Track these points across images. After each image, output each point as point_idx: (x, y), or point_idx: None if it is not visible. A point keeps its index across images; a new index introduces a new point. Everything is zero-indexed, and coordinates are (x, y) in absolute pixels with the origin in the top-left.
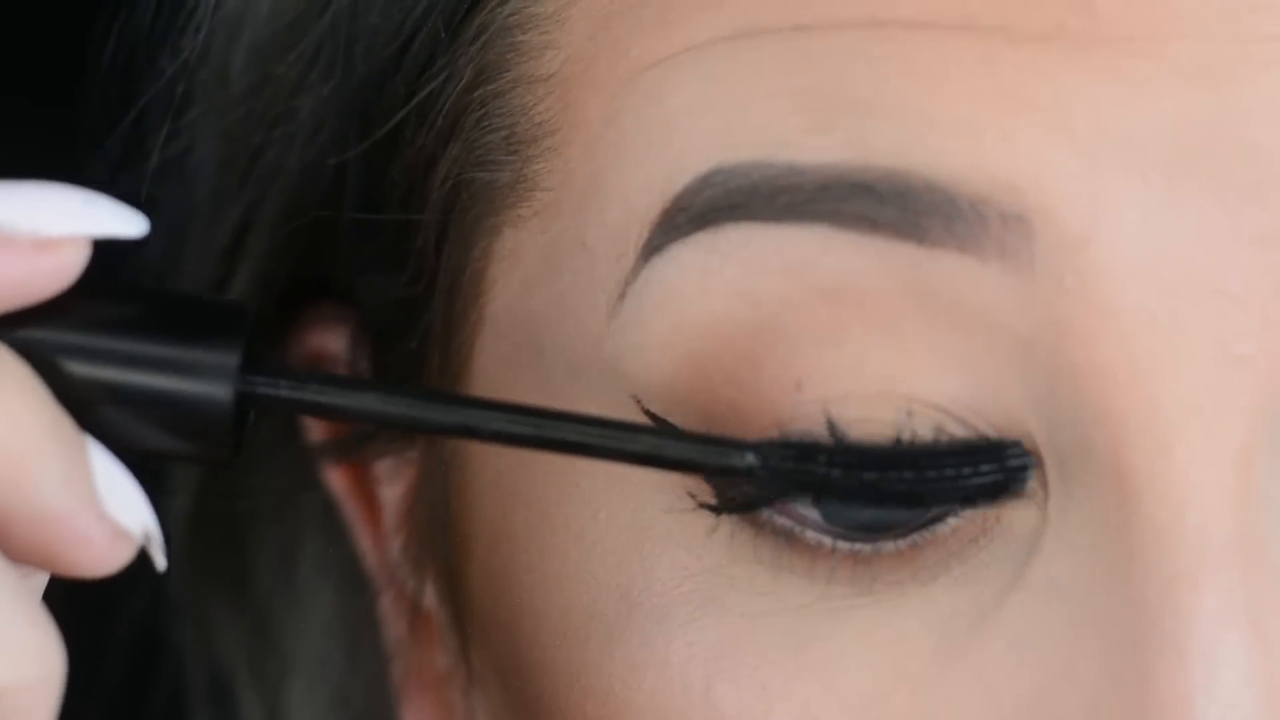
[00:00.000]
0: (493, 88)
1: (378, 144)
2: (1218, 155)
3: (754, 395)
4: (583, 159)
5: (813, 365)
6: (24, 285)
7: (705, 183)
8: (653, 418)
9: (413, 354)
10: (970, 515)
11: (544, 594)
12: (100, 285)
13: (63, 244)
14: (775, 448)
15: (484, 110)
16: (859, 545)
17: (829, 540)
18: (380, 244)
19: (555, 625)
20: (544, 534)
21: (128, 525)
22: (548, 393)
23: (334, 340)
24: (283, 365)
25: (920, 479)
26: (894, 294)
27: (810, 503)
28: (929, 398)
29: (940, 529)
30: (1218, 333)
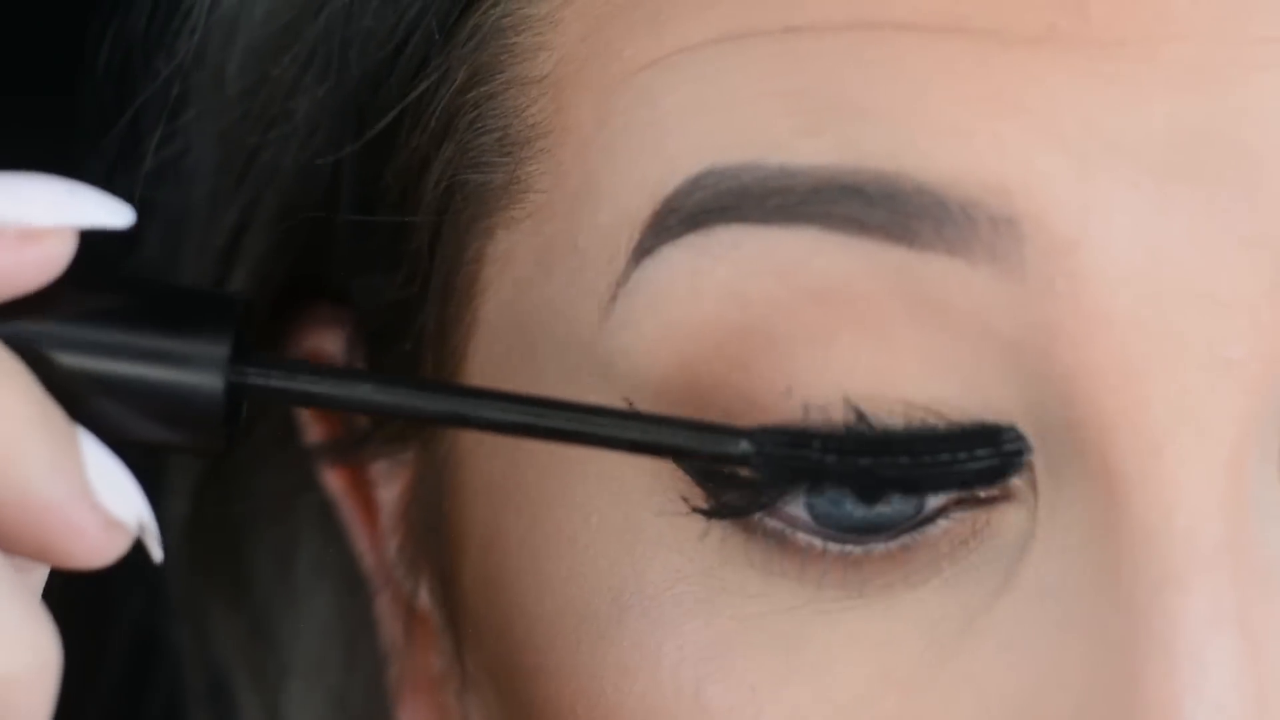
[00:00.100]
0: (486, 89)
1: (372, 146)
2: (1208, 158)
3: (745, 399)
4: (575, 161)
5: (802, 368)
6: (10, 277)
7: (696, 184)
8: None
9: (407, 355)
10: (960, 517)
11: (536, 597)
12: (89, 276)
13: (48, 235)
14: (770, 434)
15: (477, 112)
16: (849, 548)
17: (819, 543)
18: (375, 245)
19: (547, 628)
20: (537, 537)
21: (121, 516)
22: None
23: (330, 341)
24: (275, 355)
25: (916, 464)
26: (884, 297)
27: (806, 490)
28: (919, 400)
29: (930, 531)
30: (1208, 336)
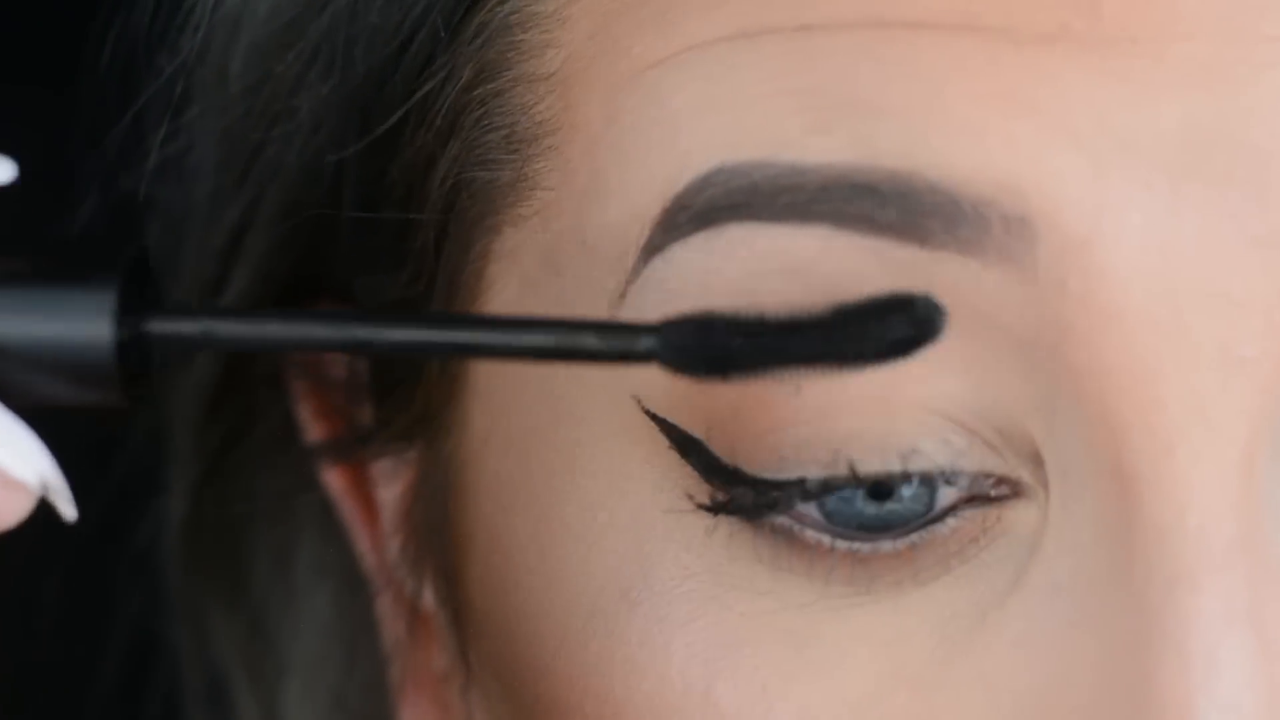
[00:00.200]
0: (493, 86)
1: (377, 143)
2: (1221, 158)
3: (753, 399)
4: (583, 158)
5: None
6: None
7: (706, 182)
8: (653, 418)
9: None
10: (970, 515)
11: (544, 595)
12: None
13: None
14: (673, 326)
15: (484, 109)
16: (858, 545)
17: (828, 539)
18: (379, 243)
19: (555, 625)
20: (544, 535)
21: (19, 474)
22: (547, 391)
23: None
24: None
25: (827, 339)
26: None
27: (722, 378)
28: (930, 402)
29: (939, 529)
30: (1220, 336)
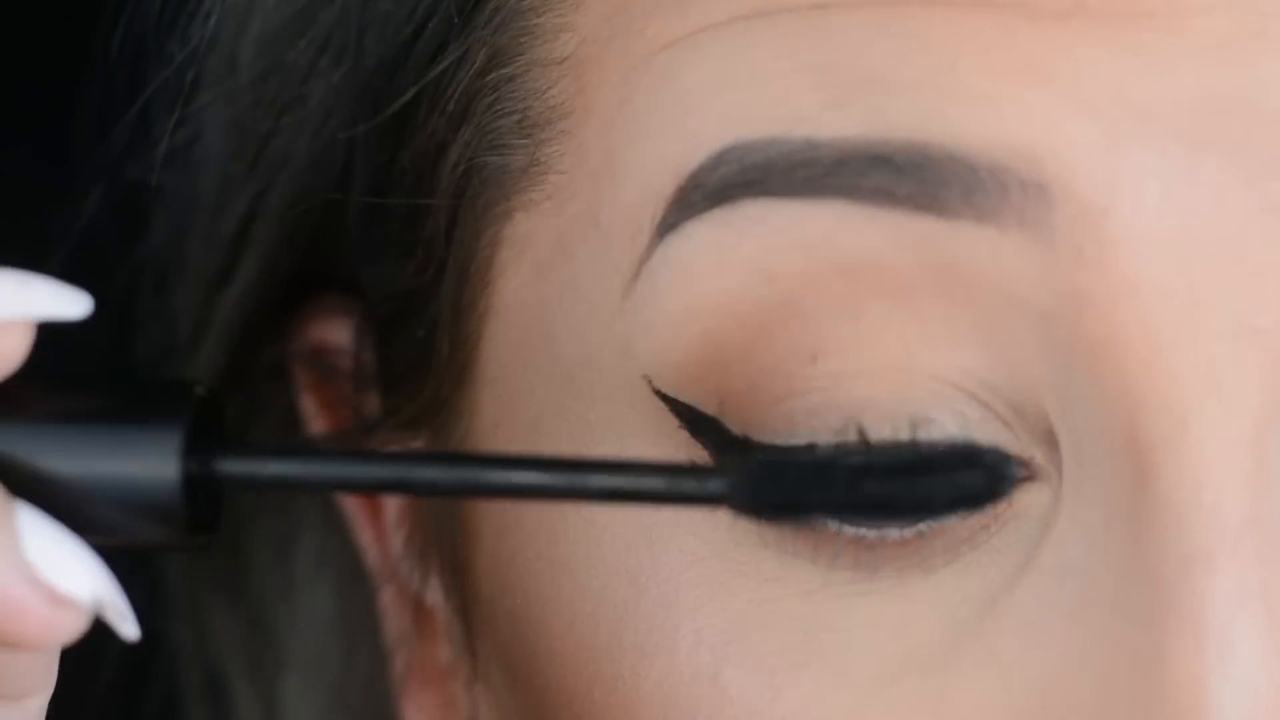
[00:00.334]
0: (506, 71)
1: (388, 131)
2: (1238, 126)
3: (768, 370)
4: (597, 140)
5: (829, 339)
6: None
7: (721, 159)
8: (663, 398)
9: (420, 343)
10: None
11: (552, 580)
12: (47, 371)
13: (1, 331)
14: (743, 470)
15: (496, 94)
16: (864, 531)
17: (834, 525)
18: (388, 232)
19: (564, 612)
20: (553, 520)
21: (70, 591)
22: (558, 377)
23: (337, 332)
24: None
25: (896, 486)
26: (912, 268)
27: (794, 523)
28: (946, 374)
29: (948, 519)
30: (1235, 305)
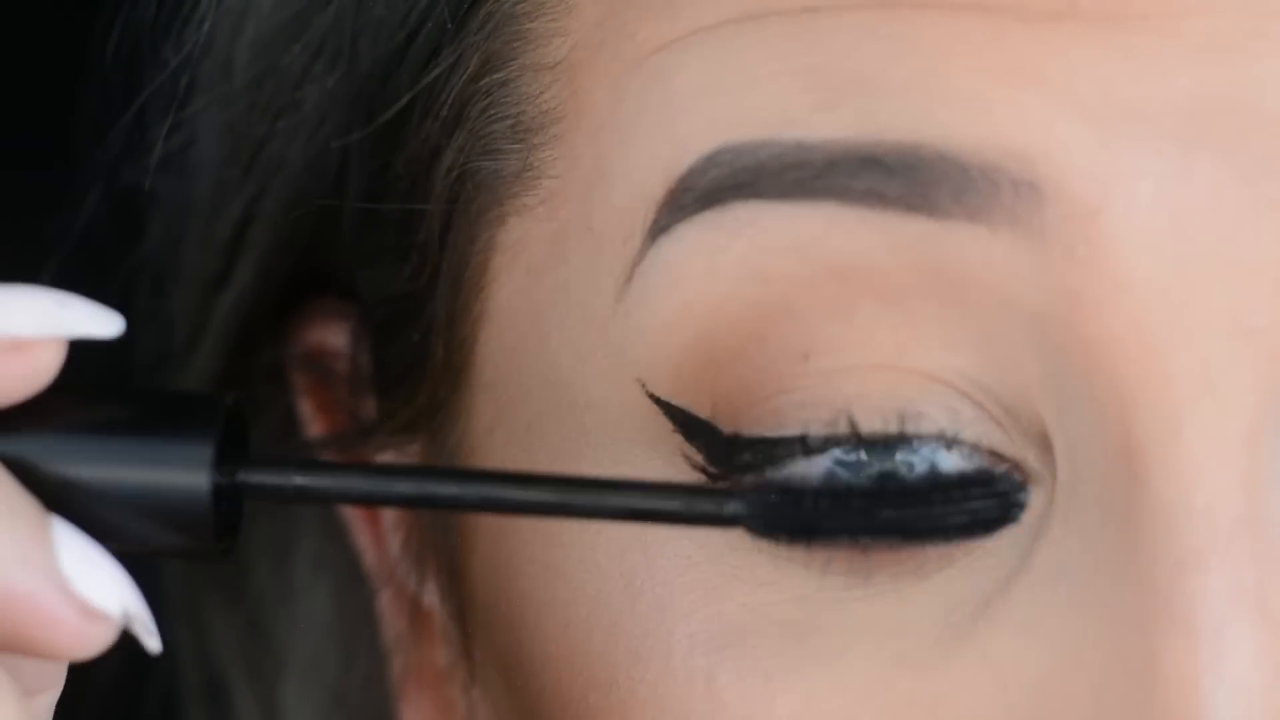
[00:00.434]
0: (499, 76)
1: (381, 136)
2: (1232, 125)
3: (760, 369)
4: (589, 145)
5: (820, 339)
6: None
7: (711, 162)
8: (657, 402)
9: (415, 347)
10: None
11: (548, 585)
12: (78, 384)
13: (36, 346)
14: (759, 492)
15: (490, 99)
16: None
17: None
18: (383, 237)
19: (559, 616)
20: (549, 525)
21: (102, 605)
22: (552, 381)
23: (334, 336)
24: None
25: (910, 511)
26: (904, 270)
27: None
28: (938, 373)
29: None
30: (1230, 304)
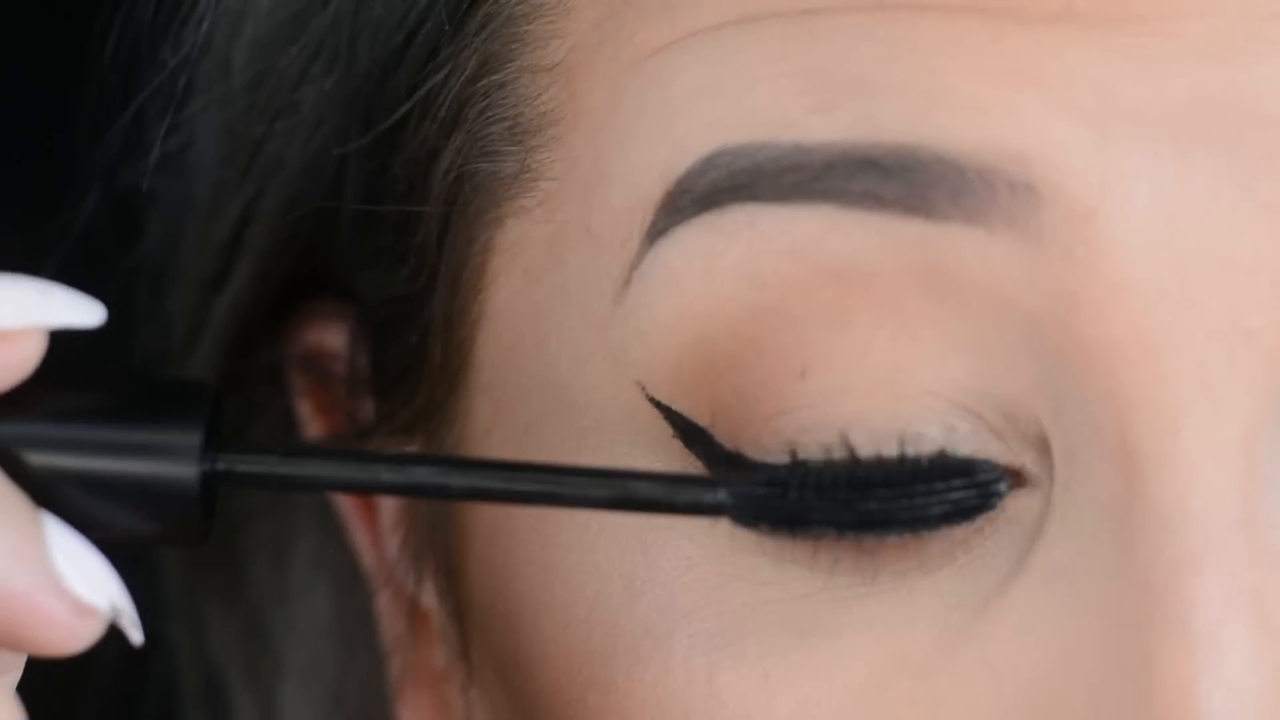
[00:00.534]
0: (497, 78)
1: (380, 137)
2: (1230, 126)
3: (759, 382)
4: (587, 147)
5: (818, 352)
6: None
7: (709, 164)
8: (657, 405)
9: (413, 349)
10: None
11: (546, 585)
12: (61, 373)
13: (18, 337)
14: (744, 480)
15: (487, 101)
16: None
17: (834, 530)
18: (381, 238)
19: (558, 616)
20: (546, 525)
21: (92, 601)
22: (551, 383)
23: (333, 336)
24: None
25: (893, 499)
26: (901, 274)
27: (790, 532)
28: (936, 387)
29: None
30: (1227, 306)
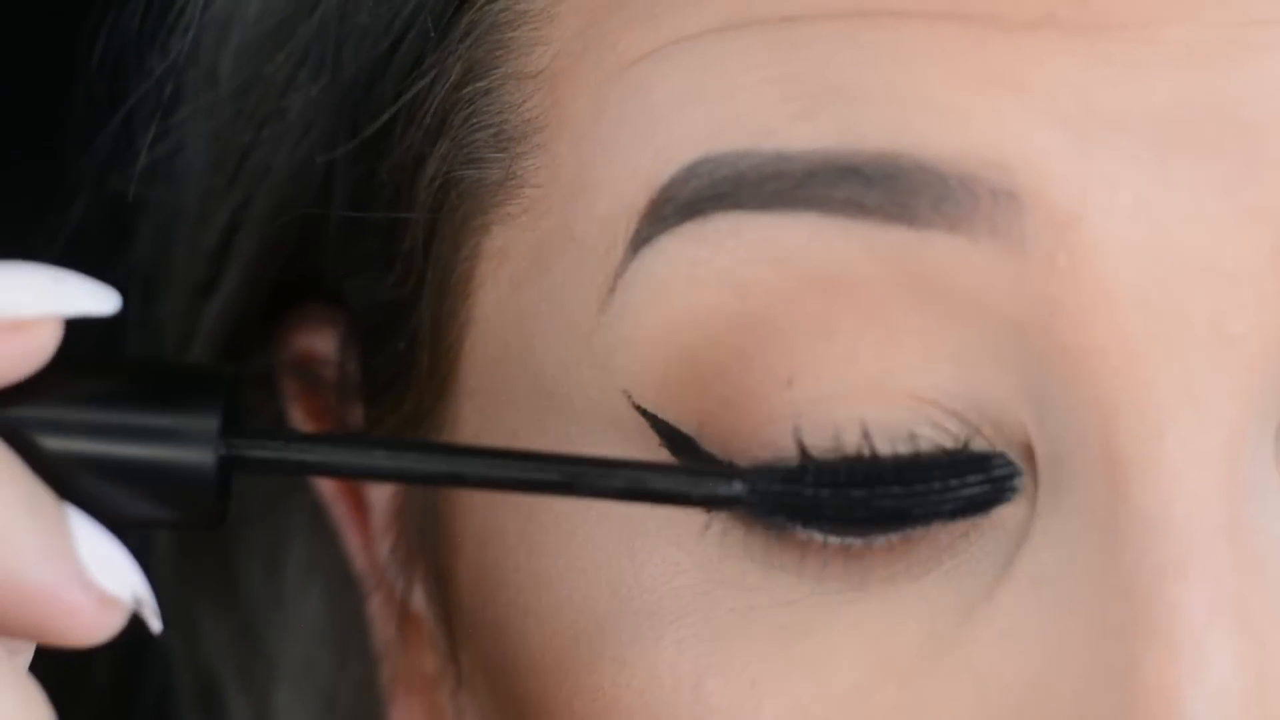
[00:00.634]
0: (482, 85)
1: (366, 144)
2: (1212, 132)
3: (745, 391)
4: (571, 154)
5: (804, 360)
6: None
7: (692, 173)
8: (643, 414)
9: (401, 355)
10: None
11: (533, 592)
12: (77, 360)
13: (34, 325)
14: (761, 473)
15: (472, 108)
16: (851, 540)
17: (820, 536)
18: (368, 245)
19: (544, 623)
20: (533, 532)
21: (115, 592)
22: (537, 390)
23: (323, 342)
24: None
25: (908, 494)
26: (884, 281)
27: (803, 524)
28: (921, 392)
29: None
30: (1210, 311)
